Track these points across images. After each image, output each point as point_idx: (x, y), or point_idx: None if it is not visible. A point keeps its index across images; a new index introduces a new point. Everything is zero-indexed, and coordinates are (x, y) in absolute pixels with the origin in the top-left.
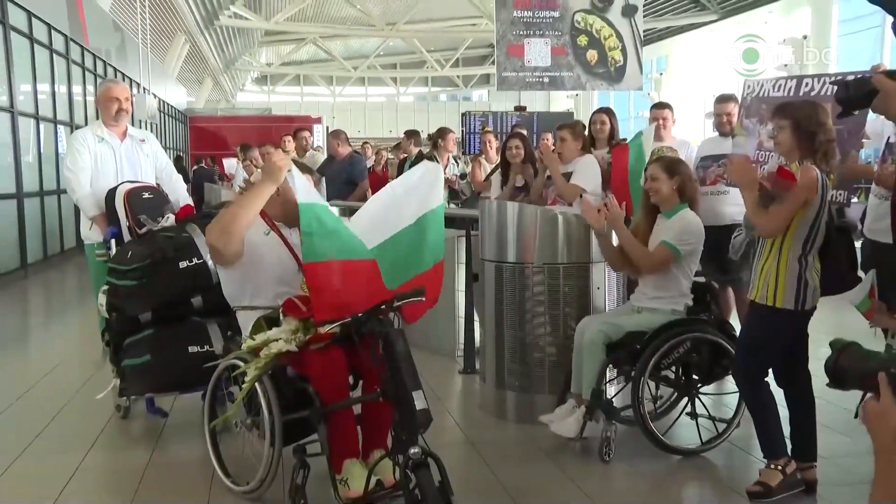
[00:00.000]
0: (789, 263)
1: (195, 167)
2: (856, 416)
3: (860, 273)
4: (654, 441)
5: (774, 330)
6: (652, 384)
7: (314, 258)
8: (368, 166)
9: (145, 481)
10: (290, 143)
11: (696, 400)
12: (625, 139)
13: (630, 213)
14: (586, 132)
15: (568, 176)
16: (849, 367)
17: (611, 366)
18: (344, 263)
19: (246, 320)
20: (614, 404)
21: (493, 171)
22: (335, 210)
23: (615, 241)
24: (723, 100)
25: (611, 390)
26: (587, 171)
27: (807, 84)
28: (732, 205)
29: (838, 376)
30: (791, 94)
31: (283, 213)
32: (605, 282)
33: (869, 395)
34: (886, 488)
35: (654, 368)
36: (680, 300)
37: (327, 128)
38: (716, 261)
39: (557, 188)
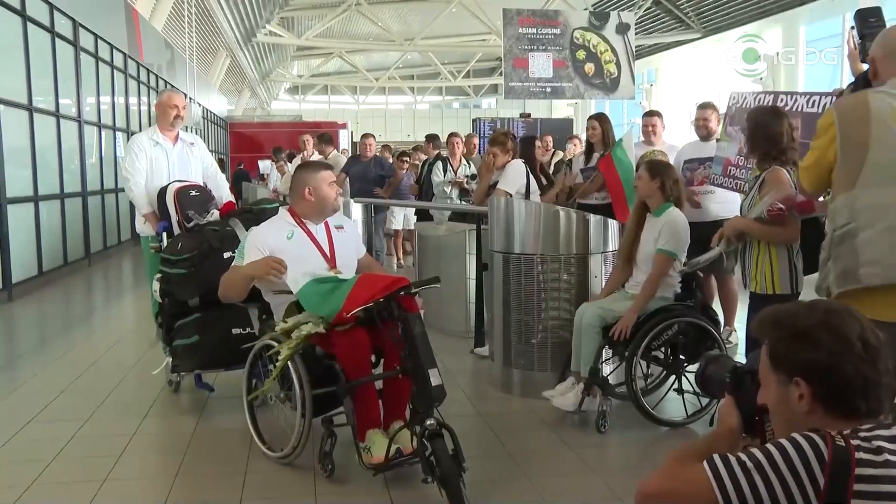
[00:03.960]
0: (779, 251)
1: (236, 168)
2: (710, 423)
3: None
4: (645, 414)
5: None
6: (643, 363)
7: (335, 312)
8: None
9: (193, 445)
10: (309, 145)
11: (683, 377)
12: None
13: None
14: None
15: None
16: (712, 376)
17: (606, 347)
18: (350, 296)
19: (278, 304)
20: (609, 381)
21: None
22: (360, 207)
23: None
24: (702, 107)
25: (606, 369)
26: (510, 176)
27: (781, 100)
28: (717, 202)
29: (704, 385)
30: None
31: (312, 211)
32: (601, 271)
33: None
34: (692, 454)
35: (646, 349)
36: (669, 288)
37: (352, 132)
38: (701, 252)
39: (476, 195)
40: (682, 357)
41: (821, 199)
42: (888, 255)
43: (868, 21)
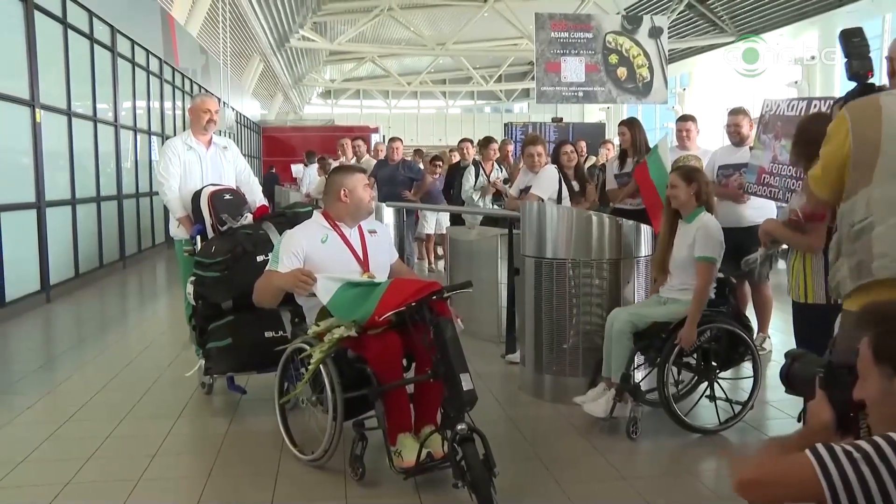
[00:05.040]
0: (813, 259)
1: (266, 173)
2: (799, 420)
3: None
4: (677, 421)
5: (808, 324)
6: (675, 369)
7: (367, 316)
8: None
9: (225, 447)
10: (348, 148)
11: (716, 384)
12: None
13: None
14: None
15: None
16: (798, 373)
17: (638, 352)
18: (382, 300)
19: (310, 308)
20: (641, 387)
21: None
22: (391, 211)
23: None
24: (734, 112)
25: (638, 375)
26: (544, 181)
27: (815, 105)
28: (753, 208)
29: (791, 382)
30: (802, 113)
31: (347, 213)
32: (633, 276)
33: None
34: (783, 453)
35: (678, 355)
36: None
37: (383, 136)
38: (735, 258)
39: (509, 202)
40: (714, 363)
41: None
42: None
43: (852, 41)
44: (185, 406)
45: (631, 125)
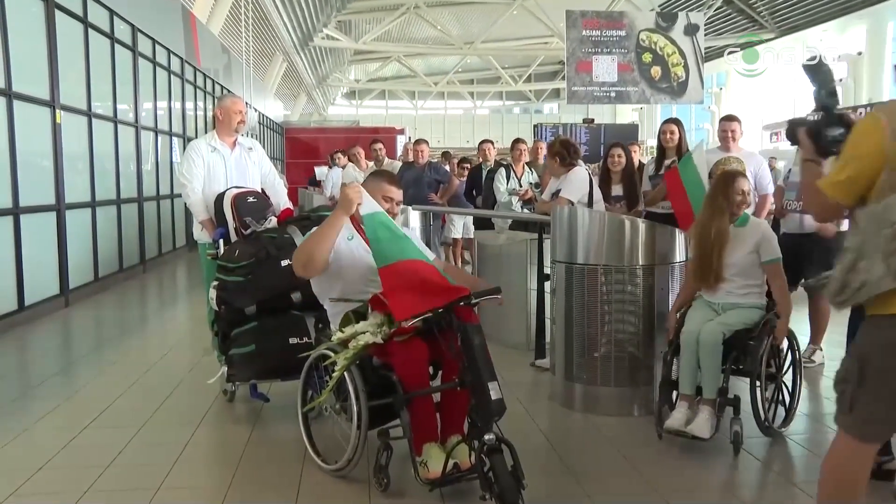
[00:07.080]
0: None
1: (310, 177)
2: None
3: None
4: (764, 430)
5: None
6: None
7: (385, 262)
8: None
9: (246, 455)
10: (361, 158)
11: (780, 386)
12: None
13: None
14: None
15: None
16: None
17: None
18: (409, 263)
19: (335, 314)
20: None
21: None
22: (417, 215)
23: None
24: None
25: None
26: (573, 184)
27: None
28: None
29: None
30: None
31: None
32: (667, 283)
33: None
34: None
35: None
36: (762, 296)
37: (409, 137)
38: (793, 264)
39: (539, 205)
40: (776, 366)
41: None
42: None
43: (820, 72)
44: (206, 413)
45: (680, 125)
